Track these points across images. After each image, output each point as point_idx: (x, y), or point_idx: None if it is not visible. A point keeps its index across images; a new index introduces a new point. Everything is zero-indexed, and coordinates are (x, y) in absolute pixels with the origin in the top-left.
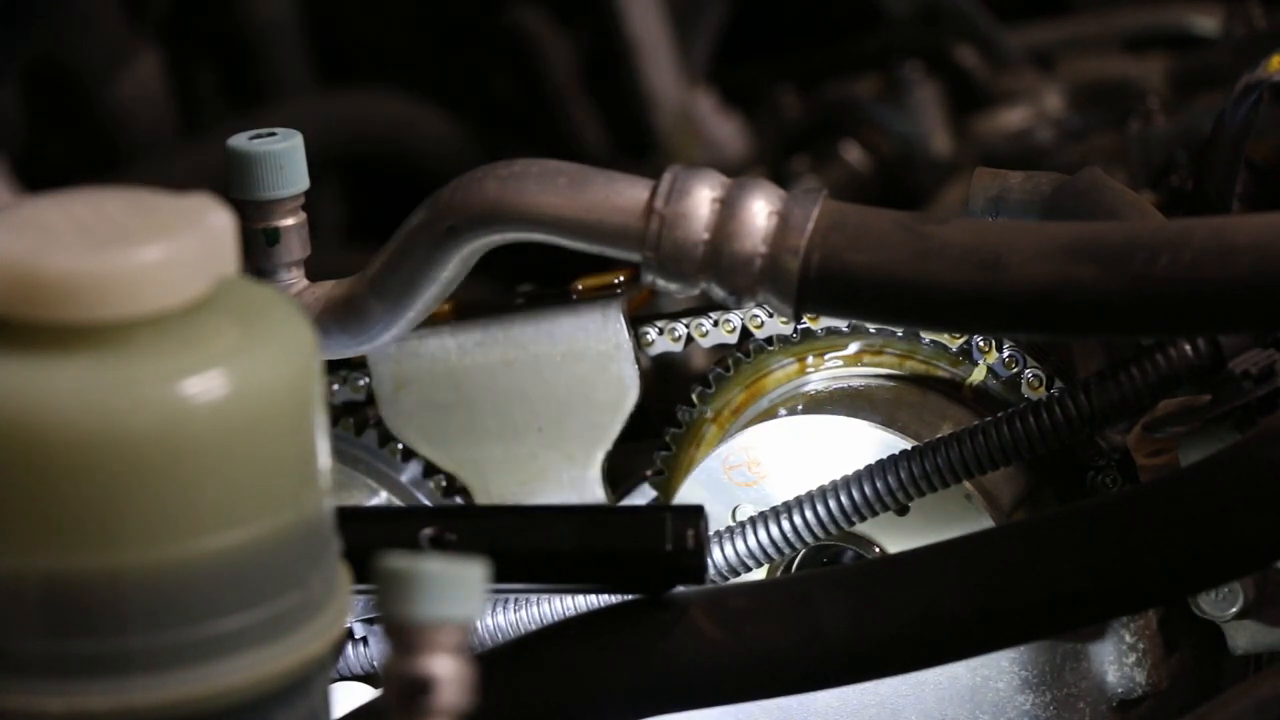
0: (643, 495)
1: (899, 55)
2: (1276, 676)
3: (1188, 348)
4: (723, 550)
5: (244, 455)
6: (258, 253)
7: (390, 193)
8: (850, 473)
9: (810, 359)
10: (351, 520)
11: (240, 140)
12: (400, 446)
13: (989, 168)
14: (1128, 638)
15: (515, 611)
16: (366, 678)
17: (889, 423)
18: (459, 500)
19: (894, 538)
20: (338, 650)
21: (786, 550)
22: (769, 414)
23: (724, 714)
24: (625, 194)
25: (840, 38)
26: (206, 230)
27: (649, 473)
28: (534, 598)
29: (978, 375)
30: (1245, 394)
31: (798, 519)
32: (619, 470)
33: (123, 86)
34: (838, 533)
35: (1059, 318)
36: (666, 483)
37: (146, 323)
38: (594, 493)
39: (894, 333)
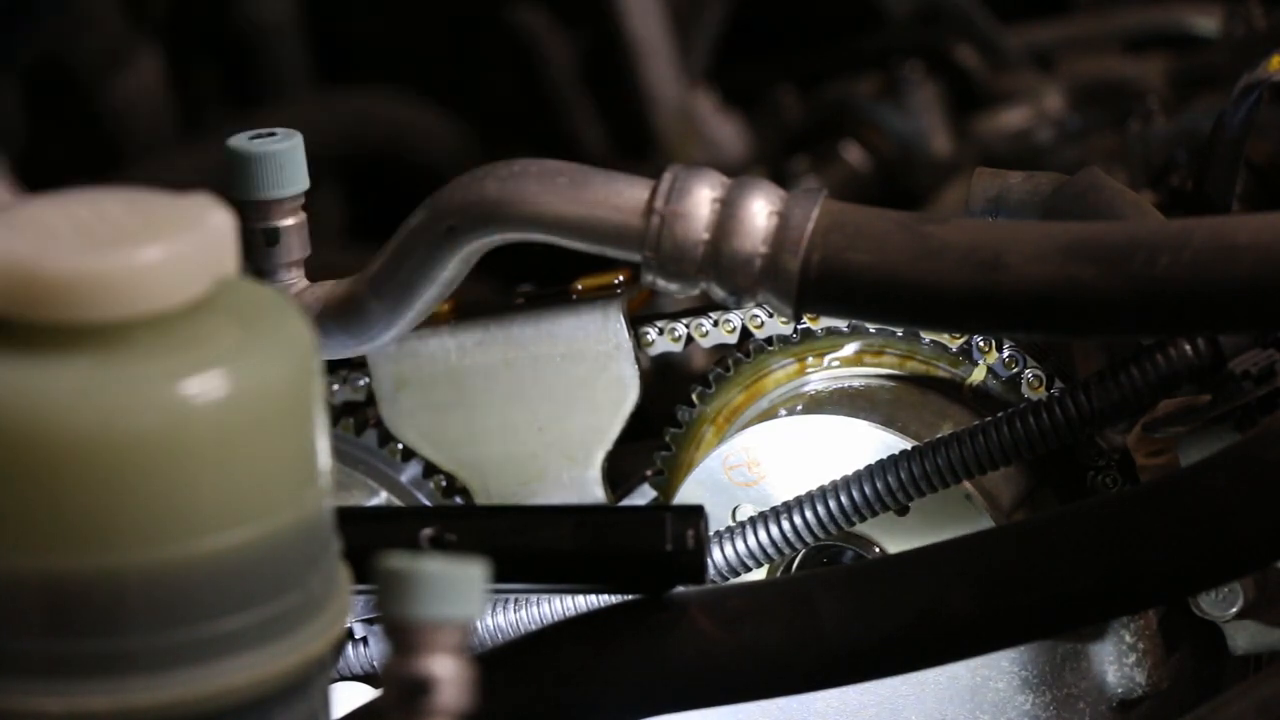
0: (643, 495)
1: (899, 55)
2: (1276, 676)
3: (1188, 348)
4: (723, 550)
5: (244, 455)
6: (258, 253)
7: (390, 193)
8: (850, 473)
9: (810, 359)
10: (351, 520)
11: (240, 140)
12: (400, 446)
13: (989, 168)
14: (1128, 638)
15: (515, 611)
16: (366, 678)
17: (889, 423)
18: (459, 500)
19: (894, 538)
20: (338, 650)
21: (786, 550)
22: (769, 414)
23: (724, 714)
24: (625, 194)
25: (840, 38)
26: (206, 230)
27: (649, 473)
28: (534, 598)
29: (978, 375)
30: (1245, 394)
31: (798, 519)
32: (619, 470)
33: (123, 86)
34: (838, 533)
35: (1059, 318)
36: (666, 483)
37: (146, 323)
38: (594, 493)
39: (894, 333)
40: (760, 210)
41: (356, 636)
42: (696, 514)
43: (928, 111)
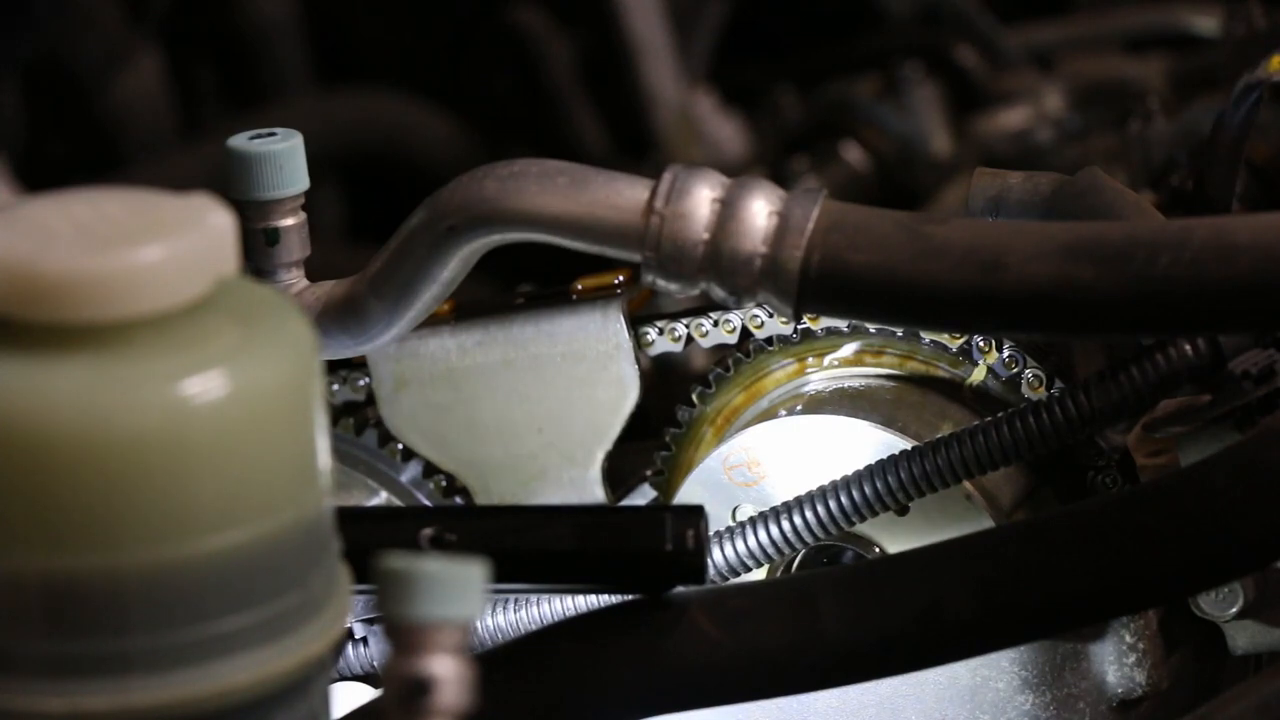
0: (643, 495)
1: (899, 55)
2: (1276, 676)
3: (1188, 348)
4: (723, 550)
5: (244, 455)
6: (258, 253)
7: (390, 193)
8: (850, 473)
9: (810, 359)
10: (351, 520)
11: (240, 140)
12: (400, 446)
13: (989, 168)
14: (1128, 638)
15: (515, 611)
16: (366, 678)
17: (889, 423)
18: (459, 500)
19: (894, 538)
20: (338, 650)
21: (787, 550)
22: (769, 414)
23: (724, 714)
24: (625, 194)
25: (840, 38)
26: (206, 230)
27: (649, 473)
28: (534, 598)
29: (978, 375)
30: (1245, 394)
31: (798, 519)
32: (619, 470)
33: (123, 86)
34: (838, 533)
35: (1059, 318)
36: (666, 483)
37: (146, 323)
38: (594, 493)
39: (894, 333)
40: (760, 210)
41: (356, 636)
42: (696, 514)
43: (928, 111)
